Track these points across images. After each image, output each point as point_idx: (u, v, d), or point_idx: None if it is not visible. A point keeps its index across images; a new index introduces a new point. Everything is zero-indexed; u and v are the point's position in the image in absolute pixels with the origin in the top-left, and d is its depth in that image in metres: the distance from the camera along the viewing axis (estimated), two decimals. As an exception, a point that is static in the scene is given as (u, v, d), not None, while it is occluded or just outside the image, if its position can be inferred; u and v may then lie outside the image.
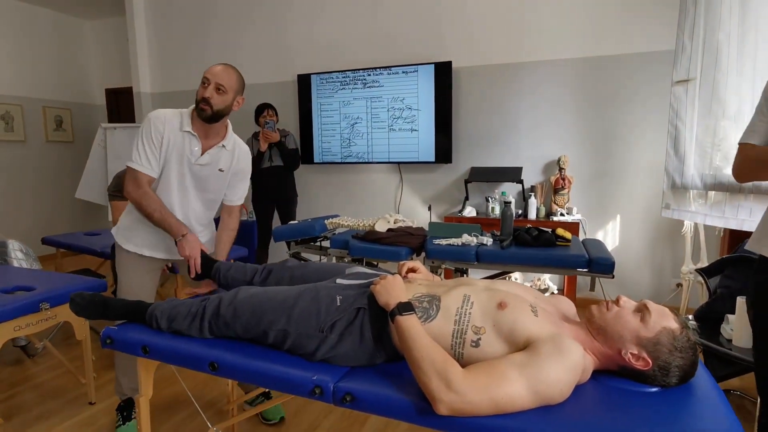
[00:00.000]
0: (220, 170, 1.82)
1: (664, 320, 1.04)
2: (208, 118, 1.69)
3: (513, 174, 3.68)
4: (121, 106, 5.90)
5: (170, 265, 2.32)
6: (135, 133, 4.53)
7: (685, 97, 2.66)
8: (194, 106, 1.73)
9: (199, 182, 1.81)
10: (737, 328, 1.77)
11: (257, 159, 3.69)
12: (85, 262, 4.85)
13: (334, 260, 2.85)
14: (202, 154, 1.76)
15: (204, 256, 1.71)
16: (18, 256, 2.78)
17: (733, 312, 1.82)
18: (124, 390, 1.98)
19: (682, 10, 2.67)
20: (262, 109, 3.75)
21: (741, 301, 1.74)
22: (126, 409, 1.99)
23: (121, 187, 2.45)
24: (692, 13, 2.60)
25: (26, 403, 2.25)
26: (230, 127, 1.85)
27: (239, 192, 1.95)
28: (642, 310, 1.06)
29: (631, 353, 1.03)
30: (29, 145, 5.28)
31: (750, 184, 2.37)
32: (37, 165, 5.35)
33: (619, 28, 3.44)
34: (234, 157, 1.85)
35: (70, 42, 5.65)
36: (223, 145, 1.80)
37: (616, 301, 1.10)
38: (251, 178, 3.79)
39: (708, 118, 2.55)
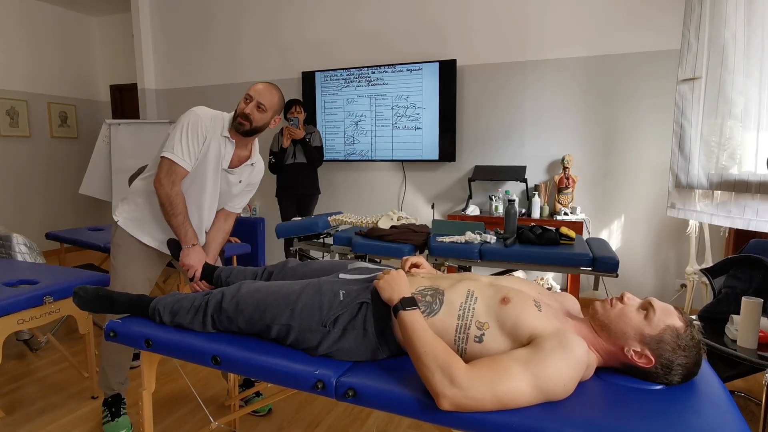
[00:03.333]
0: (240, 181, 1.90)
1: (668, 318, 1.03)
2: (244, 132, 1.75)
3: (517, 173, 3.67)
4: (126, 102, 5.91)
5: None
6: (139, 129, 4.57)
7: (691, 96, 2.64)
8: (233, 114, 1.77)
9: (221, 188, 1.87)
10: (742, 328, 1.76)
11: (280, 155, 3.72)
12: (89, 257, 4.87)
13: (337, 257, 2.85)
14: (231, 164, 1.83)
15: (205, 265, 1.73)
16: (22, 250, 2.79)
17: (737, 312, 1.81)
18: (112, 385, 1.96)
19: (687, 9, 2.65)
20: (290, 106, 3.71)
21: (746, 302, 1.73)
22: (114, 405, 1.97)
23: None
24: (698, 12, 2.58)
25: (28, 397, 2.26)
26: (257, 144, 1.91)
27: (243, 202, 2.00)
28: (646, 308, 1.05)
29: (633, 351, 1.02)
30: (34, 140, 5.29)
31: (757, 182, 2.35)
32: (41, 160, 5.37)
33: (624, 27, 3.42)
34: (254, 170, 1.93)
35: (75, 38, 5.66)
36: (252, 164, 1.89)
37: (621, 298, 1.09)
38: (276, 173, 3.65)
39: (714, 116, 2.54)
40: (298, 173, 3.81)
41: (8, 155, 5.07)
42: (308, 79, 4.36)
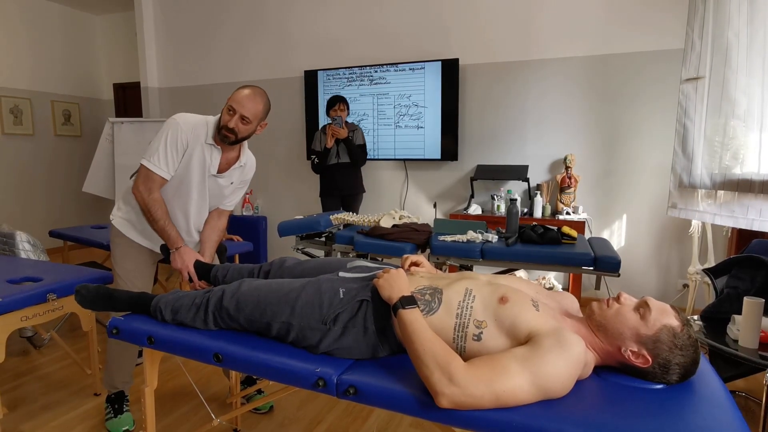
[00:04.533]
0: (231, 183, 1.91)
1: (664, 318, 1.03)
2: (231, 143, 1.76)
3: (519, 172, 3.67)
4: (129, 100, 5.93)
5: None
6: (142, 127, 4.58)
7: (695, 95, 2.64)
8: (217, 120, 1.77)
9: (212, 191, 1.87)
10: (744, 328, 1.76)
11: (324, 155, 3.61)
12: (92, 255, 4.89)
13: (338, 256, 2.85)
14: (220, 169, 1.83)
15: (200, 264, 1.74)
16: (25, 247, 2.80)
17: (739, 312, 1.80)
18: (116, 383, 1.99)
19: (691, 8, 2.65)
20: (334, 103, 3.59)
21: (748, 302, 1.72)
22: (117, 402, 2.00)
23: None
24: (701, 11, 2.58)
25: (31, 394, 2.27)
26: (245, 143, 1.90)
27: (236, 199, 2.01)
28: (642, 308, 1.05)
29: (630, 351, 1.02)
30: (37, 138, 5.32)
31: (760, 182, 2.35)
32: (44, 159, 5.39)
33: (627, 26, 3.42)
34: (245, 169, 1.93)
35: (78, 37, 5.68)
36: (241, 165, 1.89)
37: (617, 298, 1.09)
38: (320, 173, 3.64)
39: (717, 116, 2.53)
40: (342, 173, 3.67)
41: (12, 153, 5.09)
42: (310, 78, 4.36)
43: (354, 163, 3.67)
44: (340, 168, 3.67)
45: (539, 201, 3.58)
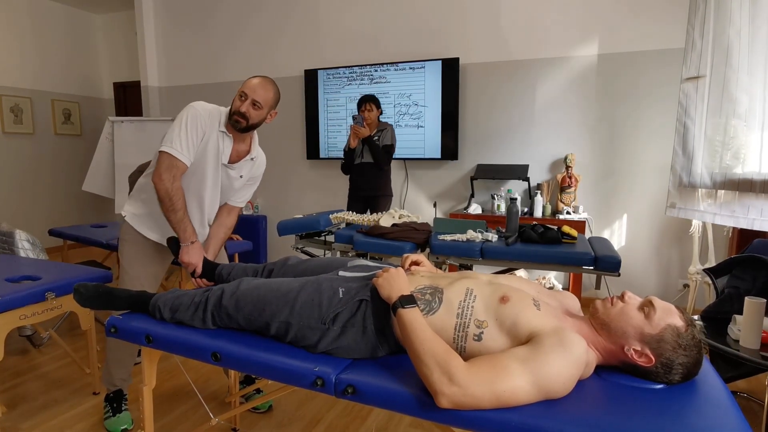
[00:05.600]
0: (241, 176, 1.91)
1: (669, 317, 1.02)
2: (241, 129, 1.76)
3: (519, 171, 3.66)
4: (129, 99, 5.92)
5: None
6: (142, 126, 4.57)
7: (695, 95, 2.63)
8: (229, 110, 1.77)
9: (222, 182, 1.87)
10: (745, 328, 1.75)
11: (349, 155, 3.51)
12: (91, 254, 4.89)
13: (338, 255, 2.85)
14: (231, 160, 1.83)
15: (205, 262, 1.74)
16: (25, 246, 2.80)
17: (740, 312, 1.80)
18: (115, 381, 1.98)
19: (692, 7, 2.64)
20: (361, 103, 3.47)
21: (749, 302, 1.71)
22: (115, 401, 1.99)
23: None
24: (702, 10, 2.57)
25: (31, 393, 2.27)
26: (256, 137, 1.91)
27: (246, 196, 2.00)
28: (647, 307, 1.04)
29: (634, 349, 1.02)
30: (37, 137, 5.31)
31: (761, 181, 2.34)
32: (45, 157, 5.39)
33: (628, 25, 3.41)
34: (255, 165, 1.93)
35: (79, 36, 5.68)
36: (252, 158, 1.89)
37: (621, 297, 1.09)
38: (346, 173, 3.60)
39: (718, 116, 2.53)
40: (365, 174, 3.53)
41: (12, 152, 5.09)
42: (311, 77, 4.35)
43: (376, 163, 3.49)
44: (364, 168, 3.53)
45: (539, 200, 3.58)
